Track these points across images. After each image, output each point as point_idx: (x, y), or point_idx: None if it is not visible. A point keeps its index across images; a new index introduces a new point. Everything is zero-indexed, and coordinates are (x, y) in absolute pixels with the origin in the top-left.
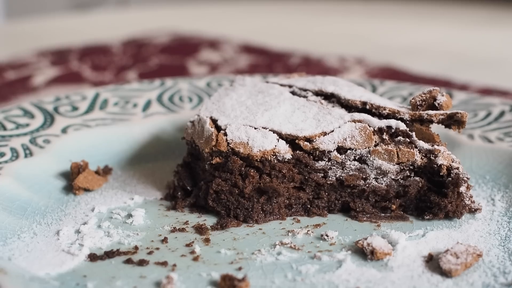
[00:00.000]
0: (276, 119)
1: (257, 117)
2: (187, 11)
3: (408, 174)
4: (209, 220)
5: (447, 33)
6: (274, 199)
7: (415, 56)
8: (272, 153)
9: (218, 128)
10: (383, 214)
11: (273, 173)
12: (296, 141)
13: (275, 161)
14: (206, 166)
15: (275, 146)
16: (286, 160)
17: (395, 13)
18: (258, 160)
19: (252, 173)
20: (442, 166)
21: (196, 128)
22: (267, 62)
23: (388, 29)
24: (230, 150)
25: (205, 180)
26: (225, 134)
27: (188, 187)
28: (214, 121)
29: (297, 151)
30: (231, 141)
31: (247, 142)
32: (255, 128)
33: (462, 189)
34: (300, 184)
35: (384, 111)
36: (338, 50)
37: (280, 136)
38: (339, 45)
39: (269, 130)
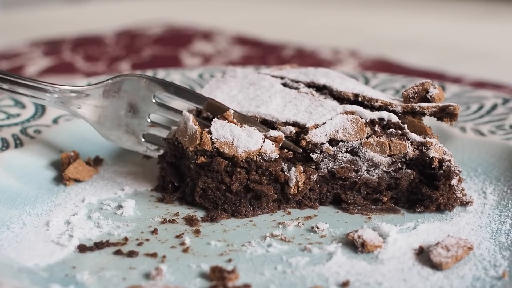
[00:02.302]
0: (267, 117)
1: (248, 115)
2: (181, 2)
3: (400, 166)
4: (200, 212)
5: (441, 26)
6: (262, 197)
7: (409, 49)
8: (258, 153)
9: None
10: (374, 207)
11: (259, 171)
12: None
13: (261, 161)
14: (191, 165)
15: (261, 146)
16: (272, 159)
17: (389, 6)
18: (244, 160)
19: (239, 170)
20: (434, 158)
21: (180, 126)
22: (261, 54)
23: (382, 22)
24: (214, 149)
25: (191, 177)
26: (210, 132)
27: (176, 184)
28: (197, 116)
29: (284, 150)
30: (215, 140)
31: (232, 142)
32: (240, 126)
33: (454, 181)
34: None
35: (376, 103)
36: (332, 42)
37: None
38: (333, 37)
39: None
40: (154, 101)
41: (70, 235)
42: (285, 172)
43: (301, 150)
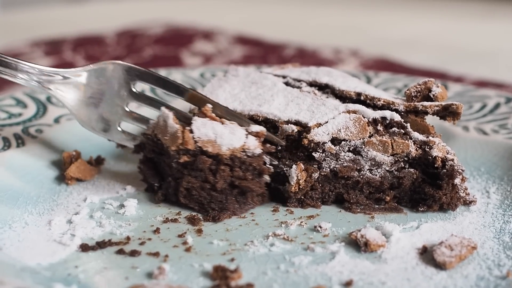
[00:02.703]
0: (269, 116)
1: (250, 114)
2: (182, 2)
3: (403, 165)
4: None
5: (443, 25)
6: (248, 192)
7: (410, 48)
8: (242, 150)
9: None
10: (377, 206)
11: (243, 167)
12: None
13: (245, 157)
14: (173, 163)
15: (244, 143)
16: (256, 155)
17: (391, 5)
18: (228, 158)
19: (223, 168)
20: (437, 157)
21: (159, 123)
22: (262, 53)
23: (383, 21)
24: (198, 148)
25: (173, 176)
26: (191, 131)
27: (156, 184)
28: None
29: (267, 145)
30: (198, 139)
31: (215, 140)
32: (221, 122)
33: (457, 181)
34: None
35: (378, 102)
36: (333, 41)
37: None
38: (334, 36)
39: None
40: (134, 90)
41: (72, 235)
42: (267, 165)
43: (284, 143)
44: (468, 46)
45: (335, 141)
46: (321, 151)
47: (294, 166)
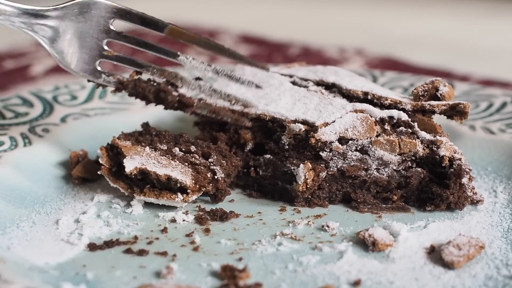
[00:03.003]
0: (276, 115)
1: (257, 113)
2: (186, 1)
3: (410, 165)
4: (208, 206)
5: (448, 24)
6: None
7: (415, 47)
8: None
9: None
10: (384, 205)
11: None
12: None
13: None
14: None
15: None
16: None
17: (395, 4)
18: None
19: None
20: (444, 157)
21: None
22: (266, 52)
23: (388, 20)
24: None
25: None
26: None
27: None
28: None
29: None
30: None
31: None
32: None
33: (464, 180)
34: None
35: (386, 102)
36: (338, 40)
37: None
38: (339, 35)
39: None
40: (112, 28)
41: (80, 234)
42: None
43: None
44: (473, 44)
45: (342, 140)
46: (328, 150)
47: (301, 165)
